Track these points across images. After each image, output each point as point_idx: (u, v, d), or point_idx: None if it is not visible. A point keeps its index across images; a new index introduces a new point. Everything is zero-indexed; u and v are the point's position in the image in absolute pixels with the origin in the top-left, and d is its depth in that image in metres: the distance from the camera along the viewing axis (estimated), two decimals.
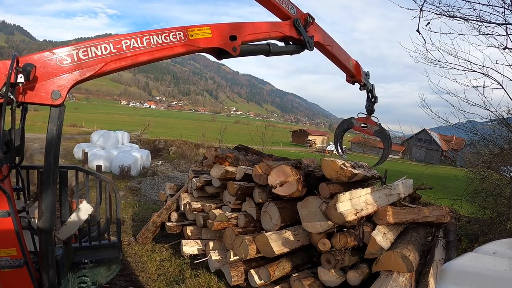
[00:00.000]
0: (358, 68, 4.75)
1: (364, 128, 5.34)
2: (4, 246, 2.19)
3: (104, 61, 2.30)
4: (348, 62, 4.55)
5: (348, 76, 4.83)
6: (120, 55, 2.37)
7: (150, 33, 2.50)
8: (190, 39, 2.69)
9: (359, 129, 5.39)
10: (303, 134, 74.08)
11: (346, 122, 5.47)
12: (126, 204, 7.79)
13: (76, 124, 33.90)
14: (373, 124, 5.26)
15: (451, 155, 22.28)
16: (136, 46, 2.42)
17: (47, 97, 2.13)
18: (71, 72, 2.19)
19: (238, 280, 3.86)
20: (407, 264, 3.11)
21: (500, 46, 4.79)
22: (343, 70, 4.68)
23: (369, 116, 5.30)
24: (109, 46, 2.32)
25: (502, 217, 5.98)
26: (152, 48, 2.49)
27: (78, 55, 2.21)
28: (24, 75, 1.96)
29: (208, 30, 2.78)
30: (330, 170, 3.85)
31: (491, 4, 4.61)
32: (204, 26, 2.79)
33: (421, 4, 4.41)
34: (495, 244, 1.49)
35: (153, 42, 2.49)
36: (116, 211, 3.58)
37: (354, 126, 5.40)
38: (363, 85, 5.03)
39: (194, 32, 2.71)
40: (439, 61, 5.62)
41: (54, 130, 2.17)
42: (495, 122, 6.44)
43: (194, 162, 13.66)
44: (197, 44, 2.74)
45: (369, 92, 5.21)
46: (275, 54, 3.41)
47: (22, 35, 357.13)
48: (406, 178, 5.53)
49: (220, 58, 3.07)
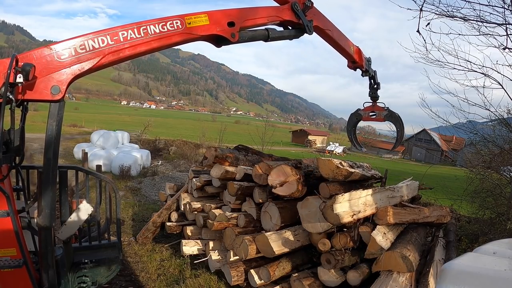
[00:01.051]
0: (359, 53, 4.67)
1: (373, 116, 5.22)
2: (3, 246, 2.19)
3: (102, 53, 2.28)
4: (349, 48, 4.47)
5: (350, 62, 4.74)
6: (118, 47, 2.33)
7: (147, 23, 2.45)
8: (188, 27, 2.64)
9: (369, 119, 5.26)
10: (303, 134, 74.09)
11: (355, 115, 5.34)
12: (126, 204, 7.78)
13: (76, 124, 33.90)
14: (381, 110, 5.13)
15: (451, 155, 22.29)
16: (133, 37, 2.38)
17: (47, 93, 2.11)
18: (70, 66, 2.18)
19: (238, 280, 3.86)
20: (407, 264, 3.11)
21: (500, 46, 4.79)
22: (344, 56, 4.61)
23: (375, 103, 5.18)
24: (106, 38, 2.28)
25: (502, 217, 5.98)
26: (149, 38, 2.45)
27: (76, 50, 2.19)
28: (23, 75, 1.95)
29: (206, 17, 2.73)
30: (326, 169, 3.85)
31: (491, 4, 4.62)
32: (202, 13, 2.74)
33: (421, 4, 4.41)
34: (495, 244, 1.49)
35: (151, 32, 2.45)
36: (116, 211, 3.57)
37: (363, 117, 5.26)
38: (365, 71, 4.91)
39: (191, 20, 2.65)
40: (439, 61, 5.62)
41: (53, 126, 2.16)
42: (495, 122, 6.44)
43: (194, 162, 13.66)
44: (195, 32, 2.69)
45: (372, 78, 5.09)
46: (274, 39, 3.36)
47: (22, 35, 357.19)
48: (412, 180, 5.46)
49: (219, 45, 3.00)
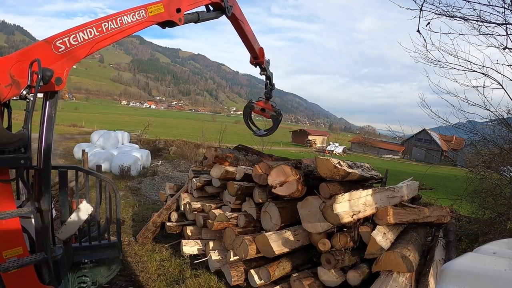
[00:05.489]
0: (262, 52, 5.20)
1: (263, 112, 5.76)
2: (11, 246, 2.20)
3: (92, 43, 2.61)
4: (255, 43, 5.02)
5: (252, 57, 5.26)
6: (102, 36, 2.71)
7: (121, 15, 2.87)
8: (150, 15, 3.14)
9: (258, 112, 5.81)
10: (303, 134, 74.13)
11: (248, 106, 5.83)
12: (126, 204, 7.78)
13: (76, 124, 33.90)
14: (270, 109, 5.68)
15: (451, 155, 22.28)
16: (113, 27, 2.78)
17: (52, 84, 2.33)
18: (67, 57, 2.44)
19: (238, 280, 3.86)
20: (407, 264, 3.11)
21: (500, 46, 4.77)
22: (249, 50, 5.12)
23: (267, 101, 5.71)
24: (93, 30, 2.63)
25: (502, 217, 5.98)
26: (124, 27, 2.88)
27: (70, 42, 2.47)
28: (44, 80, 2.17)
29: (161, 6, 3.24)
30: (324, 168, 3.85)
31: (491, 4, 4.59)
32: (158, 2, 3.24)
33: (421, 4, 4.39)
34: (495, 244, 1.49)
35: (125, 22, 2.88)
36: (116, 211, 3.57)
37: (255, 109, 5.78)
38: (263, 70, 5.43)
39: (151, 9, 3.17)
40: (439, 61, 5.60)
41: (52, 114, 2.46)
42: (495, 122, 6.43)
43: (194, 162, 13.65)
44: (155, 19, 3.20)
45: (268, 78, 5.63)
46: (203, 20, 4.00)
47: (22, 35, 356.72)
48: (412, 180, 5.47)
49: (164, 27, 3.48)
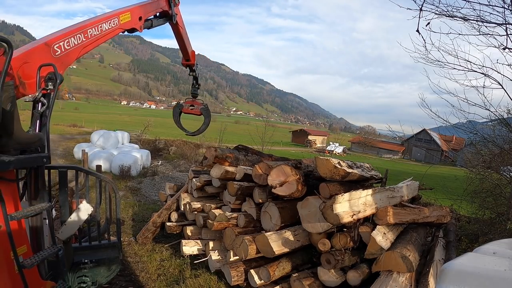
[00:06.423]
0: (193, 55, 5.98)
1: (192, 109, 6.25)
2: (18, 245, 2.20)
3: (80, 48, 2.94)
4: (189, 47, 5.75)
5: (184, 59, 5.97)
6: (88, 41, 3.06)
7: (100, 22, 3.21)
8: (121, 23, 3.52)
9: (188, 110, 6.27)
10: (303, 134, 74.17)
11: (178, 107, 6.31)
12: (126, 204, 7.78)
13: (76, 124, 33.93)
14: (198, 105, 6.25)
15: (451, 155, 22.26)
16: (95, 33, 3.12)
17: None
18: (62, 60, 2.74)
19: (238, 280, 3.86)
20: (407, 264, 3.11)
21: (500, 46, 4.77)
22: (183, 53, 5.82)
23: (194, 99, 6.35)
24: (81, 35, 2.95)
25: (502, 217, 5.98)
26: (104, 33, 3.24)
27: (64, 46, 2.76)
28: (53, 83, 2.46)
29: (128, 15, 3.65)
30: (324, 168, 3.84)
31: (491, 4, 4.59)
32: (126, 11, 3.62)
33: (421, 4, 4.38)
34: (495, 244, 1.49)
35: (104, 29, 3.24)
36: (116, 211, 3.58)
37: (184, 108, 6.24)
38: (192, 71, 6.18)
39: (122, 18, 3.55)
40: (439, 61, 5.60)
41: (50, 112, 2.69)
42: (495, 122, 6.43)
43: (194, 162, 13.65)
44: (124, 27, 3.61)
45: (195, 79, 6.36)
46: (154, 26, 4.52)
47: (22, 35, 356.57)
48: (412, 180, 5.47)
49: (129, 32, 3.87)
